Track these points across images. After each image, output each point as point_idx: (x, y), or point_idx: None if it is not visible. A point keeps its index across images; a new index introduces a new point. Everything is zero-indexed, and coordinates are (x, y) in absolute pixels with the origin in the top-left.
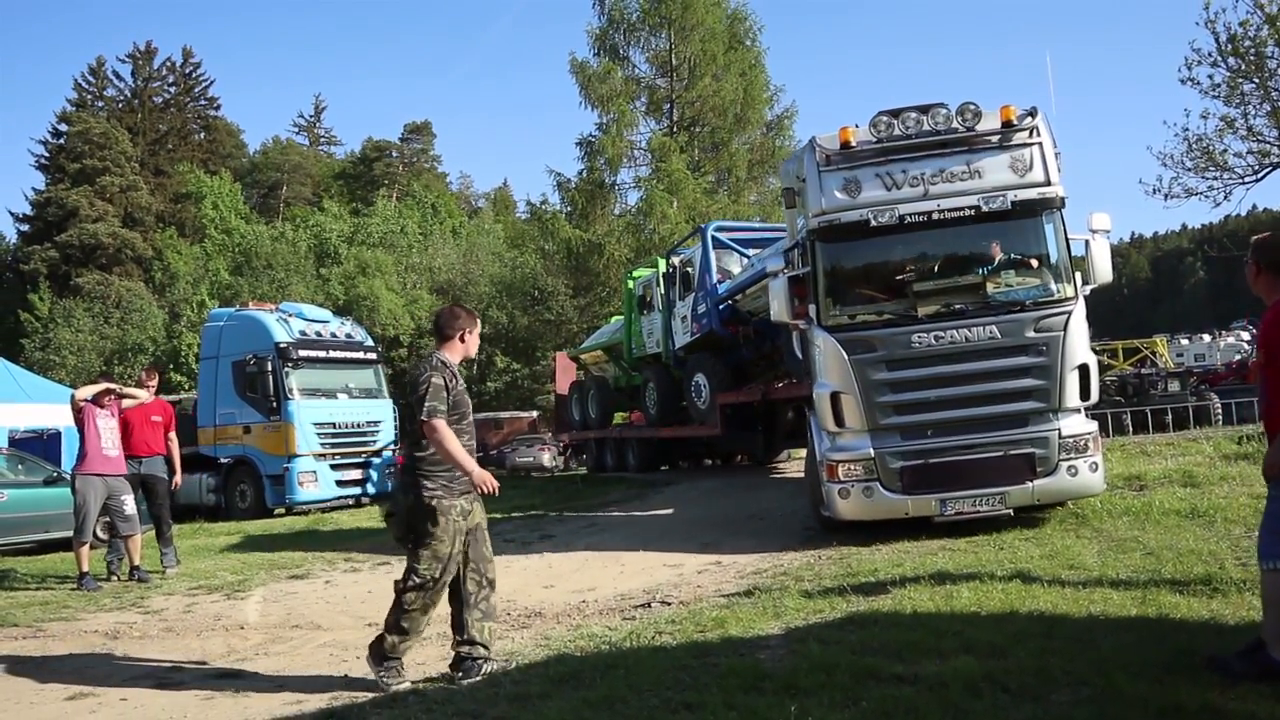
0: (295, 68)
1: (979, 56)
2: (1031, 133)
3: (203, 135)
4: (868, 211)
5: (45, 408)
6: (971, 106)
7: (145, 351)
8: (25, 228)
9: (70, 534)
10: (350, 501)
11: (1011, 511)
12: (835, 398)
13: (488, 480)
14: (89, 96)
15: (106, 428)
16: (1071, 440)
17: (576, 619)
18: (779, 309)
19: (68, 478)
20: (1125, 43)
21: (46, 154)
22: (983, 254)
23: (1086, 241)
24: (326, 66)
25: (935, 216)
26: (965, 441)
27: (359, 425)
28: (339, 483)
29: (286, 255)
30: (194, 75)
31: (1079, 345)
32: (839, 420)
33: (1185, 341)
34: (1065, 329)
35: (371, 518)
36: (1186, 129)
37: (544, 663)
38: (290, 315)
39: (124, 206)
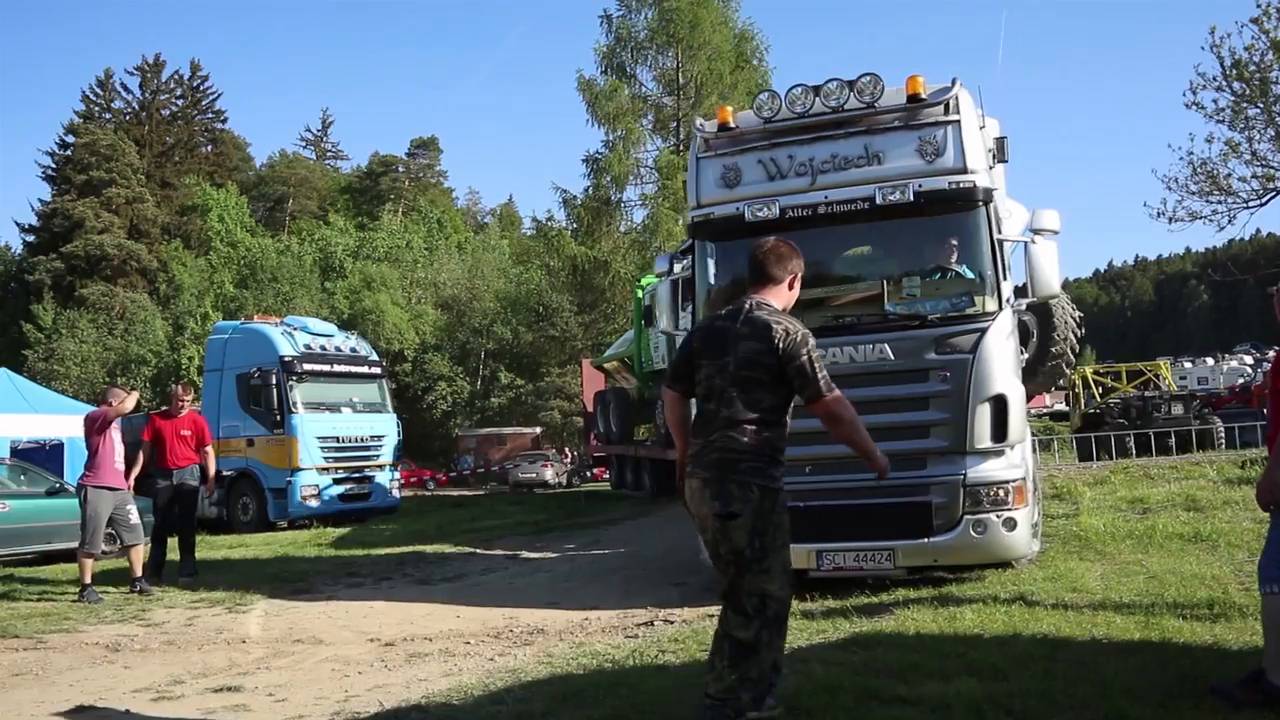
0: (303, 82)
1: (988, 76)
2: (947, 108)
3: (210, 148)
4: (744, 204)
5: (48, 418)
6: (871, 79)
7: (148, 363)
8: (31, 238)
9: (73, 545)
10: (353, 516)
11: (903, 572)
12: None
13: (888, 469)
14: (96, 108)
15: (120, 441)
16: (981, 490)
17: (579, 636)
18: (663, 318)
19: (70, 489)
20: (1133, 66)
21: (53, 165)
22: (885, 256)
23: (1026, 245)
24: (334, 81)
25: (822, 210)
26: (849, 483)
27: (362, 439)
28: (342, 497)
29: (292, 269)
30: (202, 88)
31: (995, 371)
32: None
33: (1189, 365)
34: (976, 351)
35: (373, 532)
36: (1191, 153)
37: (547, 680)
38: (295, 329)
39: (130, 218)
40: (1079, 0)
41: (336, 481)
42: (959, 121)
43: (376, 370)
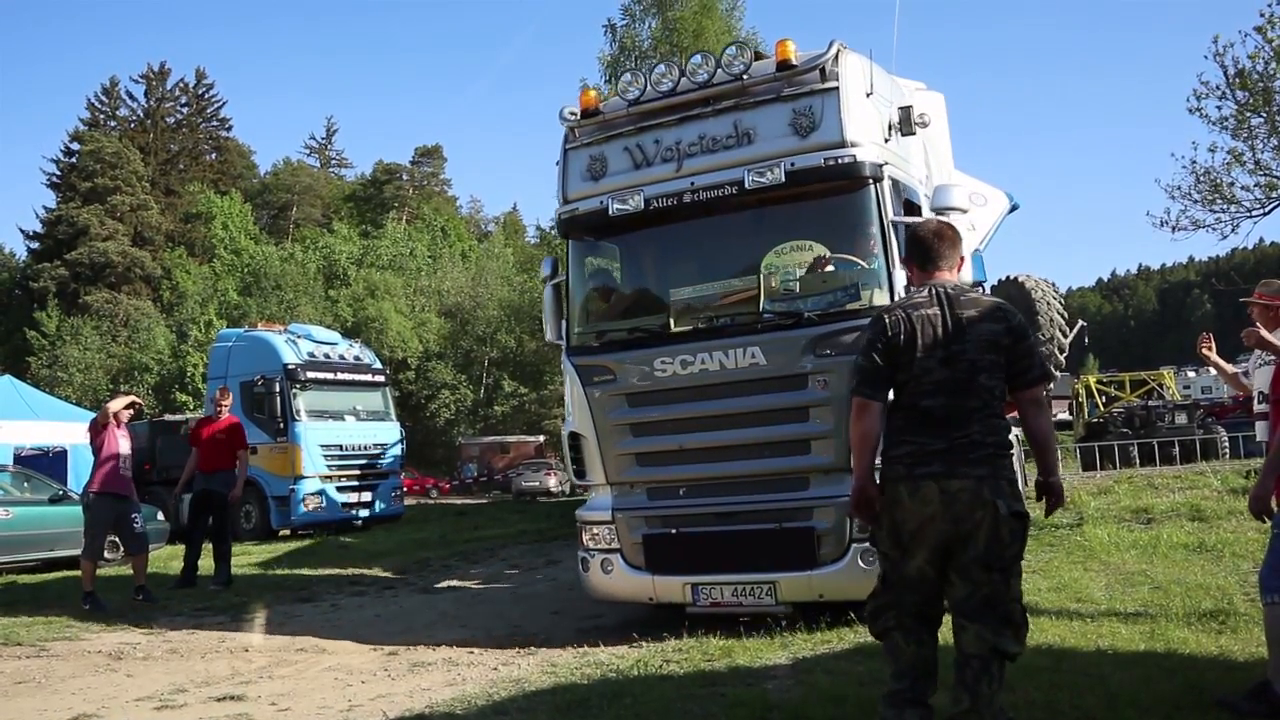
0: (307, 90)
1: (991, 86)
2: (823, 74)
3: (214, 156)
4: (608, 197)
5: (51, 425)
6: (738, 48)
7: (151, 371)
8: (36, 245)
9: (76, 552)
10: (356, 524)
11: (788, 608)
12: (575, 441)
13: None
14: (102, 116)
15: (124, 448)
16: None
17: (583, 646)
18: (548, 327)
19: (74, 496)
20: (1135, 75)
21: (58, 172)
22: (763, 247)
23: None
24: (338, 89)
25: (688, 199)
26: (725, 507)
27: (366, 447)
28: (345, 505)
29: (295, 276)
30: (206, 96)
31: None
32: (579, 470)
33: (1192, 374)
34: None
35: (376, 540)
36: (1194, 161)
37: (550, 690)
38: (299, 337)
39: (134, 225)
40: (1080, 10)
41: (340, 489)
42: (836, 89)
43: (380, 378)
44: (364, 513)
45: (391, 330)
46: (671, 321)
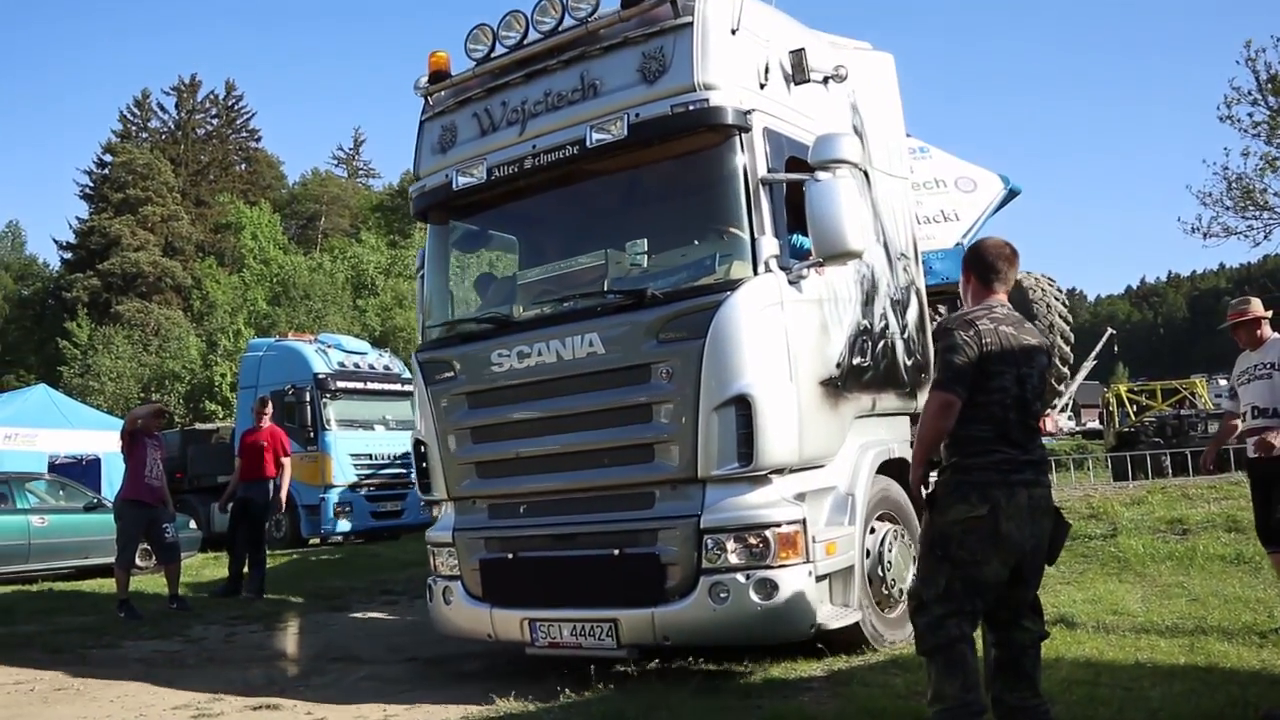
0: (335, 101)
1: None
2: (676, 9)
3: (243, 166)
4: (452, 170)
5: (85, 434)
6: None
7: (181, 380)
8: (69, 256)
9: (110, 560)
10: (386, 533)
11: (632, 652)
12: (418, 449)
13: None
14: (134, 128)
15: (153, 457)
16: (723, 537)
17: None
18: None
19: (108, 504)
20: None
21: (91, 184)
22: (617, 216)
23: (804, 184)
24: (366, 100)
25: (530, 164)
26: (564, 529)
27: (395, 457)
28: (374, 514)
29: (324, 286)
30: (236, 108)
31: (737, 361)
32: (424, 484)
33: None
34: (708, 334)
35: (407, 550)
36: (1226, 168)
37: (585, 703)
38: (329, 346)
39: (165, 236)
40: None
41: (369, 499)
42: (690, 24)
43: (409, 388)
44: (393, 521)
45: (420, 340)
46: (515, 308)
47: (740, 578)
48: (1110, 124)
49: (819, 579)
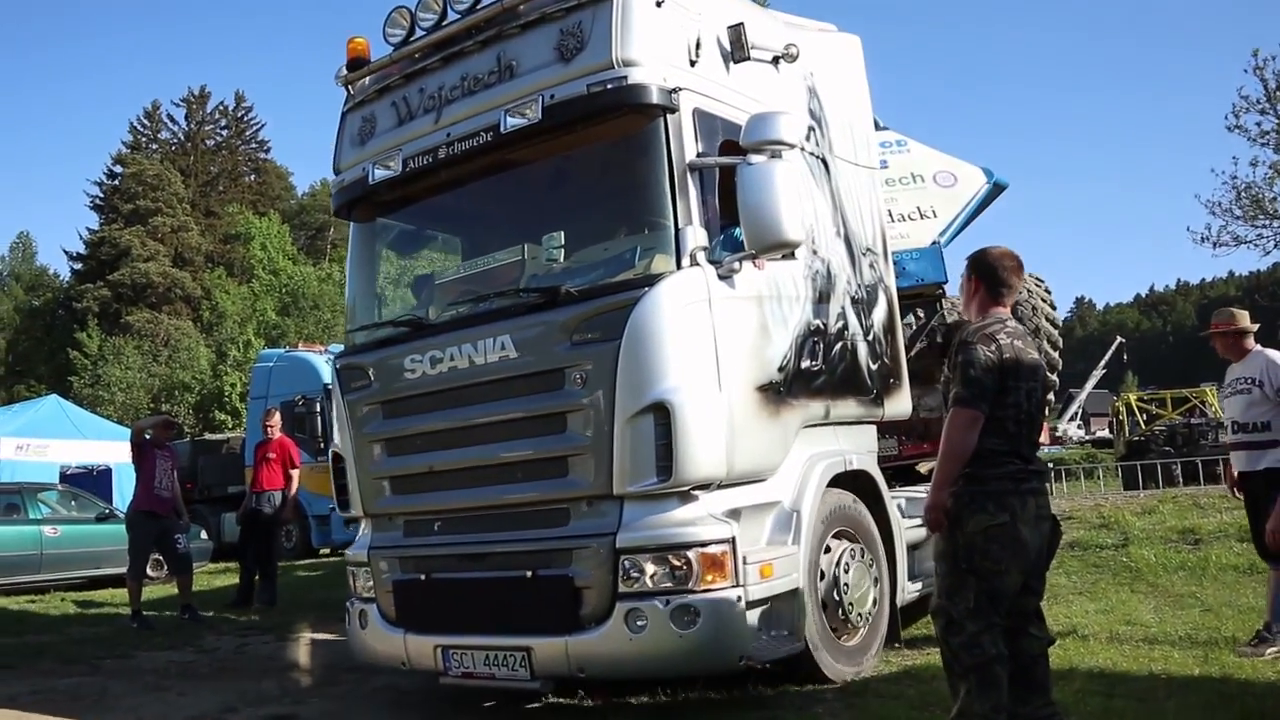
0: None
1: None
2: None
3: (253, 177)
4: (369, 163)
5: (95, 444)
6: None
7: (191, 390)
8: (79, 266)
9: (122, 570)
10: None
11: (547, 685)
12: (336, 463)
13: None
14: (144, 139)
15: (162, 468)
16: (641, 559)
17: None
18: None
19: (119, 515)
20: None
21: (101, 195)
22: (538, 207)
23: (735, 169)
24: None
25: (444, 154)
26: (476, 548)
27: None
28: None
29: (333, 296)
30: (245, 119)
31: (656, 364)
32: (341, 500)
33: None
34: (623, 335)
35: None
36: (1235, 177)
37: (601, 709)
38: None
39: (175, 246)
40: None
41: None
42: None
43: None
44: None
45: None
46: (430, 310)
47: (658, 604)
48: (1120, 130)
49: (751, 605)
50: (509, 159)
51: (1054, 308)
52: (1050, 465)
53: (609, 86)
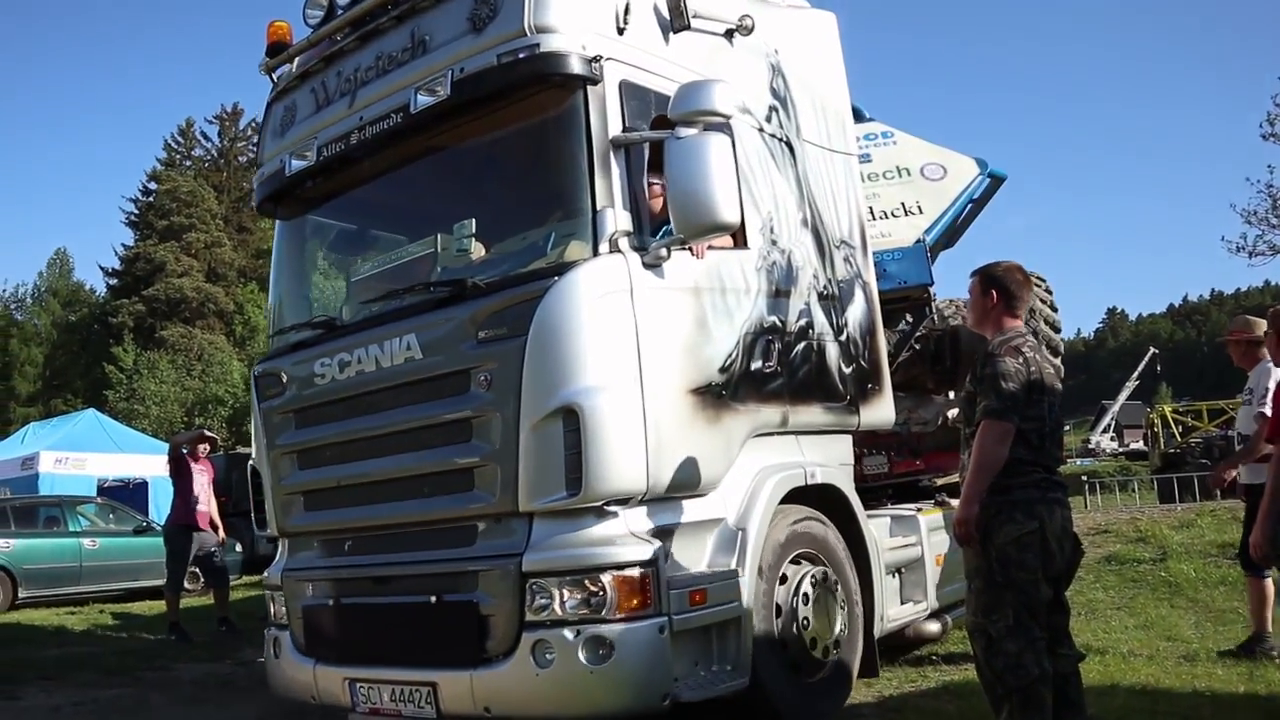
0: None
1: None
2: None
3: None
4: (286, 154)
5: (132, 458)
6: None
7: (224, 404)
8: (114, 282)
9: (159, 582)
10: None
11: None
12: (254, 478)
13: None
14: (178, 156)
15: (199, 482)
16: (550, 583)
17: None
18: None
19: (156, 527)
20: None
21: (136, 211)
22: (458, 194)
23: (664, 143)
24: None
25: (356, 139)
26: (383, 569)
27: None
28: None
29: None
30: None
31: (564, 363)
32: (259, 517)
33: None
34: (529, 331)
35: None
36: (1271, 185)
37: None
38: None
39: (208, 262)
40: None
41: None
42: None
43: None
44: None
45: None
46: (344, 310)
47: (568, 634)
48: (1152, 141)
49: (678, 635)
50: (427, 143)
51: (1055, 309)
52: (1084, 478)
53: (520, 56)
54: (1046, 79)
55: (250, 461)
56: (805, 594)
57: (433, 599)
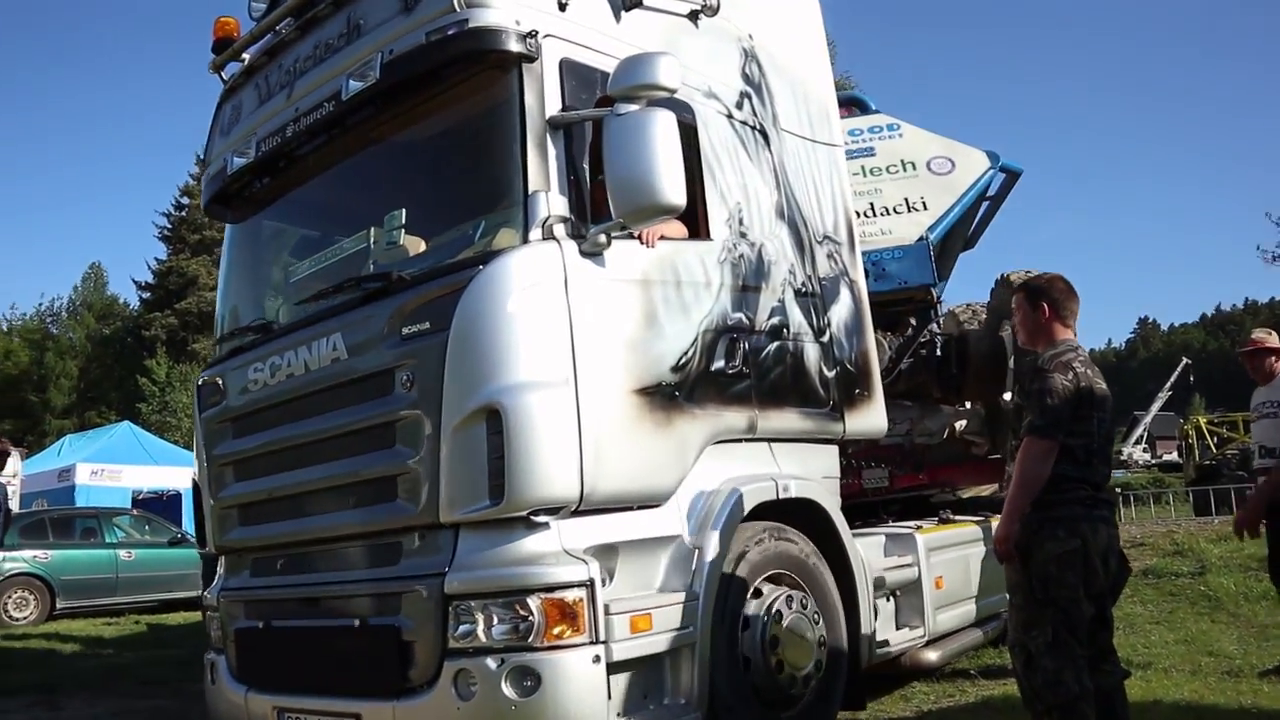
0: None
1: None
2: None
3: None
4: (229, 153)
5: (166, 470)
6: None
7: None
8: (147, 295)
9: (194, 593)
10: None
11: None
12: (196, 490)
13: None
14: None
15: None
16: (476, 604)
17: None
18: None
19: (191, 539)
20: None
21: (169, 225)
22: (393, 185)
23: (601, 121)
24: None
25: (291, 132)
26: (310, 589)
27: None
28: None
29: None
30: None
31: (487, 359)
32: (199, 534)
33: None
34: (451, 325)
35: None
36: None
37: None
38: None
39: None
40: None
41: None
42: None
43: None
44: None
45: None
46: (280, 311)
47: (491, 663)
48: (1186, 147)
49: (615, 667)
50: (361, 132)
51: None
52: (1117, 489)
53: (450, 33)
54: (1077, 85)
55: (192, 475)
56: (775, 619)
57: (356, 622)
